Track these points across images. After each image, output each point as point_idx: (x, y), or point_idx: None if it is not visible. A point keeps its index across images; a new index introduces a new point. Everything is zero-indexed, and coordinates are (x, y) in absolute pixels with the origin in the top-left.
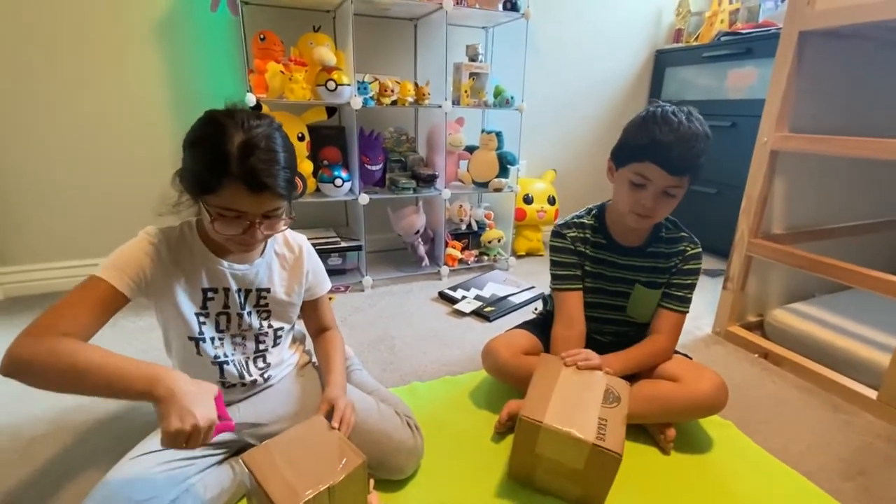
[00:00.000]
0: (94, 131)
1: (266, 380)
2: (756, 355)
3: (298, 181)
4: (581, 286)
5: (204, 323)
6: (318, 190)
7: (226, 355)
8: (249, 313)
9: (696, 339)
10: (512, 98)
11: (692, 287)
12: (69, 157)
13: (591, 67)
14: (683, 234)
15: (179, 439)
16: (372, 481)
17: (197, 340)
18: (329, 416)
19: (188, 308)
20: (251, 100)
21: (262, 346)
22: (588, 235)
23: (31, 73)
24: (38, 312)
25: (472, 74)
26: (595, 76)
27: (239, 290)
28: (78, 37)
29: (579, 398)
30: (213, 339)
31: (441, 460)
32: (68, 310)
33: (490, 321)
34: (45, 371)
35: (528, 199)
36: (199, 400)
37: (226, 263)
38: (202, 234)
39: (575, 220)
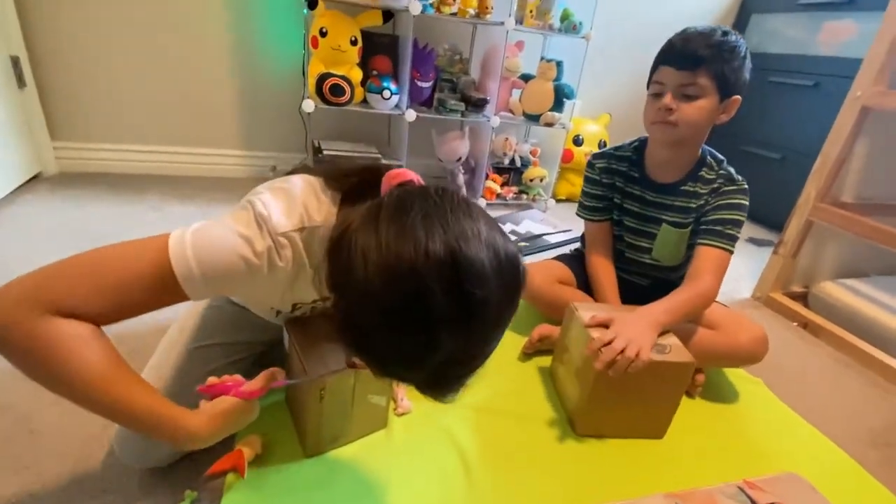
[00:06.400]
0: (154, 14)
1: None
2: (795, 324)
3: None
4: (605, 218)
5: (279, 313)
6: (364, 100)
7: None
8: None
9: (733, 302)
10: (580, 24)
11: (735, 223)
12: (133, 46)
13: (669, 4)
14: (723, 171)
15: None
16: None
17: (279, 312)
18: None
19: (268, 313)
20: None
21: None
22: (623, 168)
23: None
24: (88, 191)
25: None
26: (671, 15)
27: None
28: None
29: None
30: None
31: None
32: (109, 293)
33: (523, 256)
34: (44, 366)
35: (577, 141)
36: (218, 426)
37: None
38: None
39: (612, 150)
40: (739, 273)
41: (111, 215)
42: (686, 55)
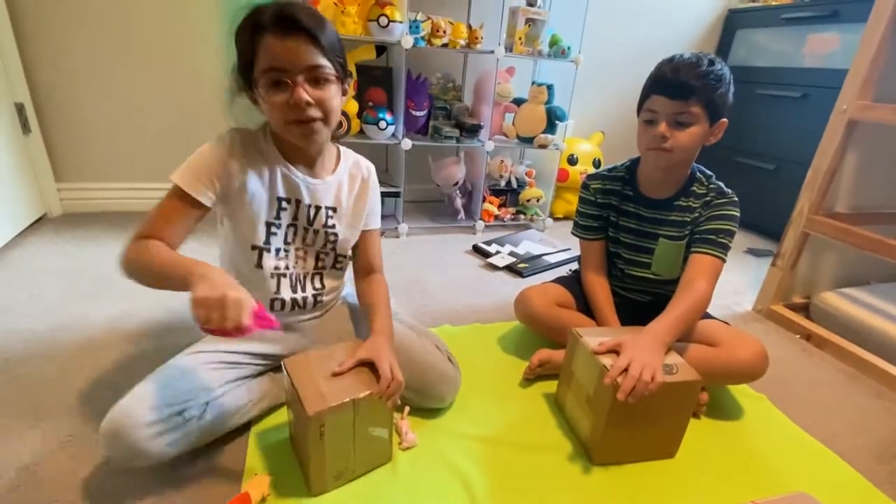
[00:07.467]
0: (150, 58)
1: (317, 304)
2: (798, 336)
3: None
4: (600, 237)
5: (274, 234)
6: (361, 132)
7: (287, 267)
8: (316, 231)
9: (734, 316)
10: (568, 48)
11: (727, 233)
12: (130, 84)
13: (655, 25)
14: (713, 185)
15: (209, 307)
16: (407, 408)
17: (261, 250)
18: (364, 363)
19: (261, 214)
20: None
21: (320, 264)
22: (618, 187)
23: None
24: (92, 230)
25: (528, 20)
26: (657, 35)
27: (310, 206)
28: None
29: None
30: (278, 250)
31: (470, 395)
32: (157, 220)
33: (523, 277)
34: (136, 269)
35: (572, 160)
36: (233, 285)
37: (299, 174)
38: (275, 139)
39: (607, 171)
40: (740, 286)
41: (116, 252)
42: (678, 85)
